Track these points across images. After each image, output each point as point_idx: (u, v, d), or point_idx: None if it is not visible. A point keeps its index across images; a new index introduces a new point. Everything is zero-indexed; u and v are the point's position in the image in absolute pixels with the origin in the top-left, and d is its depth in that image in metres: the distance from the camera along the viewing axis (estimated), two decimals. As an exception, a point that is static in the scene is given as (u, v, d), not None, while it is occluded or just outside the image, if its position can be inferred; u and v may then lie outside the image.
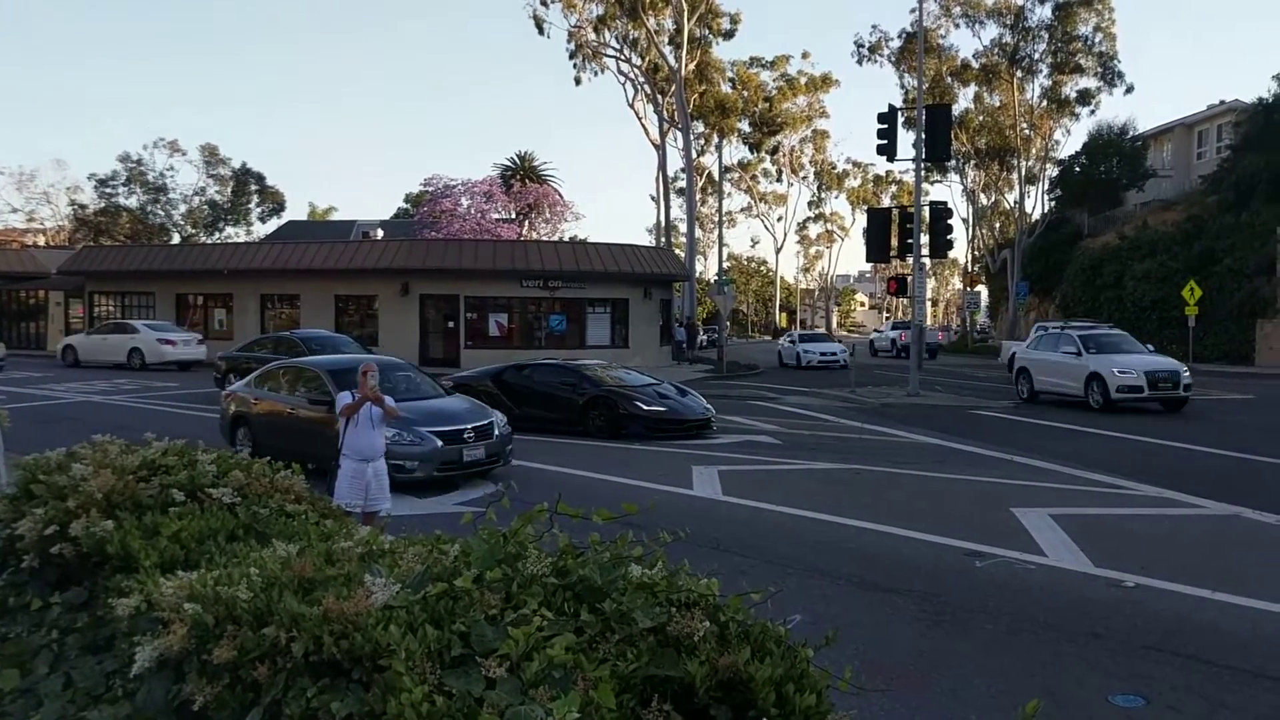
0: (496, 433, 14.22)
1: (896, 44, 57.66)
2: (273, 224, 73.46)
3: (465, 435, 13.65)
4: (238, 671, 2.66)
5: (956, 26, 57.36)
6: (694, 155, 61.97)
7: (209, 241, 64.46)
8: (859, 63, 59.73)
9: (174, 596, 2.90)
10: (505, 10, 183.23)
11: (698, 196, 65.91)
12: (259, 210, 74.20)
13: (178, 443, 4.75)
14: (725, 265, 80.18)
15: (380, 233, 54.23)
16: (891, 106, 28.12)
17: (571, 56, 57.64)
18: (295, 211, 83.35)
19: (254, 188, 73.30)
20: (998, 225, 66.21)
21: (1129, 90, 59.65)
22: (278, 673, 2.59)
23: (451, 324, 39.45)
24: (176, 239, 68.02)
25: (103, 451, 4.51)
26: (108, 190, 69.59)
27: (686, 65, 55.77)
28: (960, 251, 79.70)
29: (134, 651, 2.87)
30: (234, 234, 72.26)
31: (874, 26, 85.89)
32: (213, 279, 42.13)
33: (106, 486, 4.01)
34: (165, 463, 4.41)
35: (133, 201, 70.34)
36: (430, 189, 58.52)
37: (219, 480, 4.29)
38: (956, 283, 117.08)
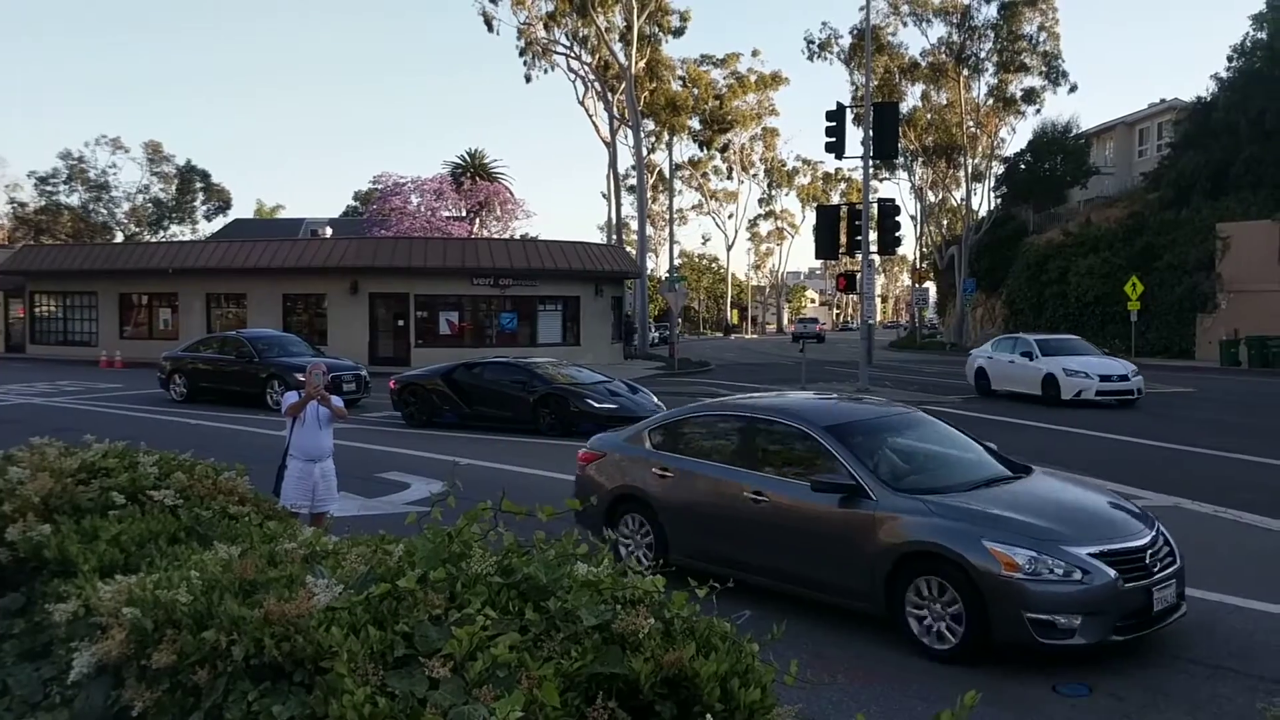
0: (1171, 552, 7.57)
1: (846, 41, 58.14)
2: (219, 222, 72.58)
3: (1146, 560, 7.17)
4: (178, 676, 2.63)
5: (905, 25, 58.00)
6: (645, 153, 62.01)
7: (153, 240, 63.44)
8: (810, 59, 60.34)
9: (113, 601, 2.86)
10: (454, 7, 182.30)
11: (649, 194, 65.99)
12: (204, 208, 73.28)
13: (118, 445, 4.68)
14: (677, 262, 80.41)
15: (329, 231, 53.72)
16: (840, 104, 28.34)
17: (521, 54, 57.39)
18: (242, 209, 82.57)
19: (199, 185, 72.28)
20: (945, 222, 66.98)
21: (1073, 89, 61.00)
22: (218, 676, 2.56)
23: (401, 322, 39.17)
24: (120, 238, 66.85)
25: (41, 454, 4.43)
26: (48, 188, 68.38)
27: (637, 63, 55.77)
28: (909, 248, 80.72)
29: (72, 657, 2.83)
30: (179, 232, 71.33)
31: (824, 24, 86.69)
32: (157, 278, 41.46)
33: (44, 490, 3.95)
34: (105, 465, 4.35)
35: (74, 200, 69.17)
36: (380, 187, 58.07)
37: (161, 482, 4.23)
38: (906, 279, 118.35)
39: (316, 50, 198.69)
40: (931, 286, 74.74)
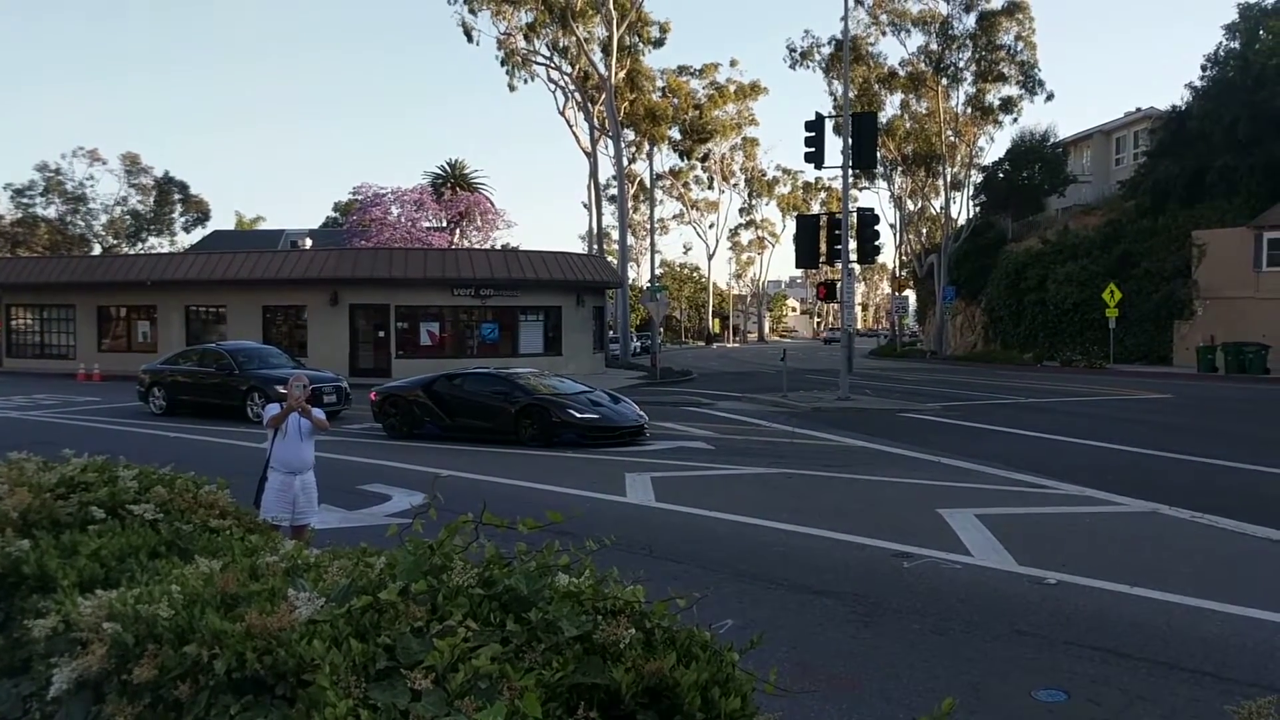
0: None
1: (827, 50, 58.27)
2: (198, 234, 72.23)
3: None
4: (159, 691, 2.62)
5: (884, 34, 58.17)
6: (625, 163, 62.05)
7: (131, 252, 63.07)
8: (791, 67, 60.29)
9: (93, 616, 2.85)
10: (434, 18, 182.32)
11: (630, 203, 66.02)
12: (183, 220, 72.86)
13: (98, 459, 4.67)
14: (658, 272, 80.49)
15: (309, 242, 53.52)
16: (819, 114, 28.46)
17: (503, 64, 57.43)
18: (221, 221, 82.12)
19: (178, 197, 71.91)
20: (925, 231, 67.30)
21: (1049, 98, 61.48)
22: (200, 691, 2.56)
23: (382, 333, 39.05)
24: (97, 250, 66.47)
25: (19, 469, 4.41)
26: (24, 200, 67.89)
27: (617, 73, 55.85)
28: (889, 257, 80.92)
29: (51, 673, 2.82)
30: (157, 244, 70.92)
31: (806, 31, 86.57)
32: (136, 291, 41.21)
33: (22, 505, 3.93)
34: (84, 479, 4.32)
35: (51, 212, 68.69)
36: (360, 197, 57.92)
37: (141, 496, 4.22)
38: (886, 287, 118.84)
39: (295, 61, 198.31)
40: (911, 294, 75.15)
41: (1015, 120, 57.01)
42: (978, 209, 60.47)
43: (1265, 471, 15.40)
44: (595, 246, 61.74)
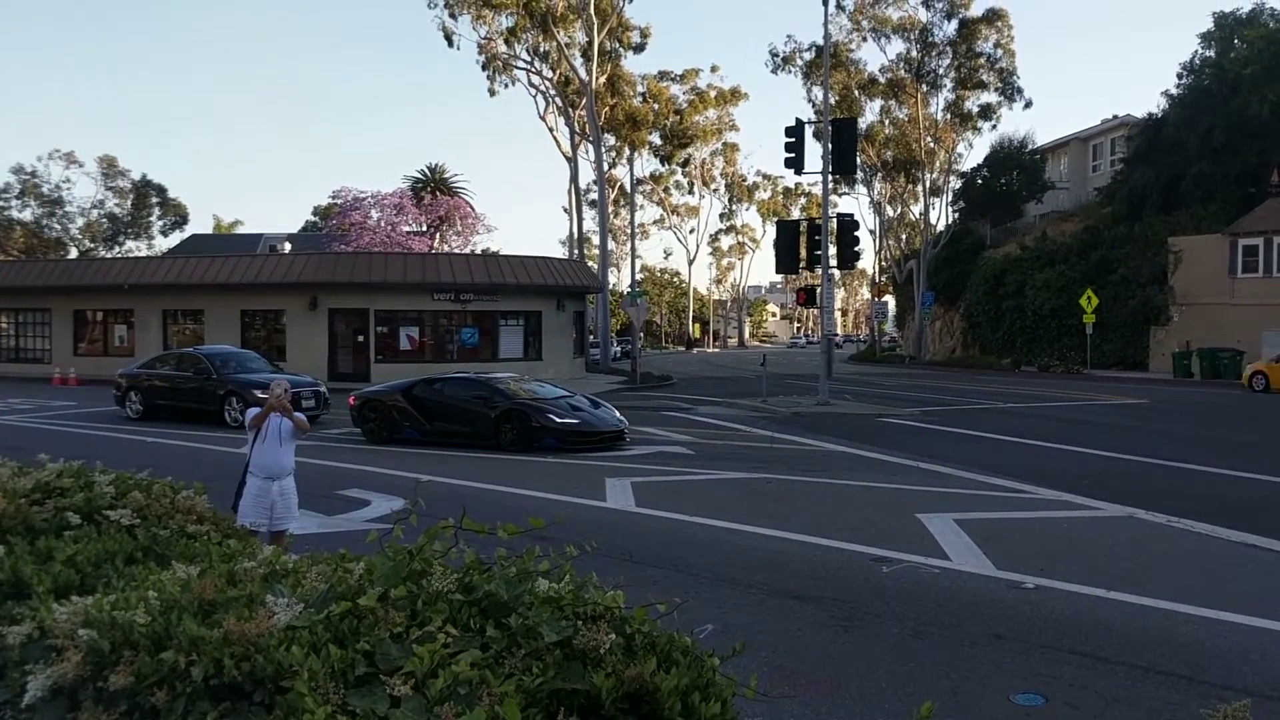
0: None
1: (808, 56, 58.46)
2: (175, 237, 71.86)
3: None
4: (135, 698, 2.60)
5: (865, 41, 58.49)
6: (606, 168, 62.08)
7: (108, 256, 62.63)
8: (773, 72, 60.52)
9: (68, 623, 2.83)
10: (415, 21, 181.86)
11: (610, 208, 66.08)
12: (161, 223, 72.50)
13: (74, 464, 4.63)
14: (638, 277, 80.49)
15: (288, 246, 53.29)
16: (799, 120, 28.57)
17: (483, 69, 57.36)
18: (199, 224, 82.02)
19: (155, 200, 71.49)
20: (904, 236, 67.61)
21: (1028, 105, 62.12)
22: (177, 698, 2.54)
23: (361, 338, 38.88)
24: (74, 253, 65.97)
25: (-7, 475, 4.37)
26: (0, 203, 67.30)
27: (597, 78, 55.88)
28: (868, 262, 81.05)
29: (26, 680, 2.79)
30: (135, 248, 70.49)
31: (789, 37, 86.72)
32: (113, 294, 40.89)
33: (-3, 511, 3.89)
34: (60, 485, 4.29)
35: (27, 215, 68.18)
36: (339, 201, 57.67)
37: (117, 502, 4.19)
38: (865, 293, 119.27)
39: (275, 64, 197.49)
40: (891, 300, 75.37)
41: (994, 127, 57.53)
42: (957, 215, 60.83)
43: (1240, 476, 15.54)
44: (576, 251, 61.70)
